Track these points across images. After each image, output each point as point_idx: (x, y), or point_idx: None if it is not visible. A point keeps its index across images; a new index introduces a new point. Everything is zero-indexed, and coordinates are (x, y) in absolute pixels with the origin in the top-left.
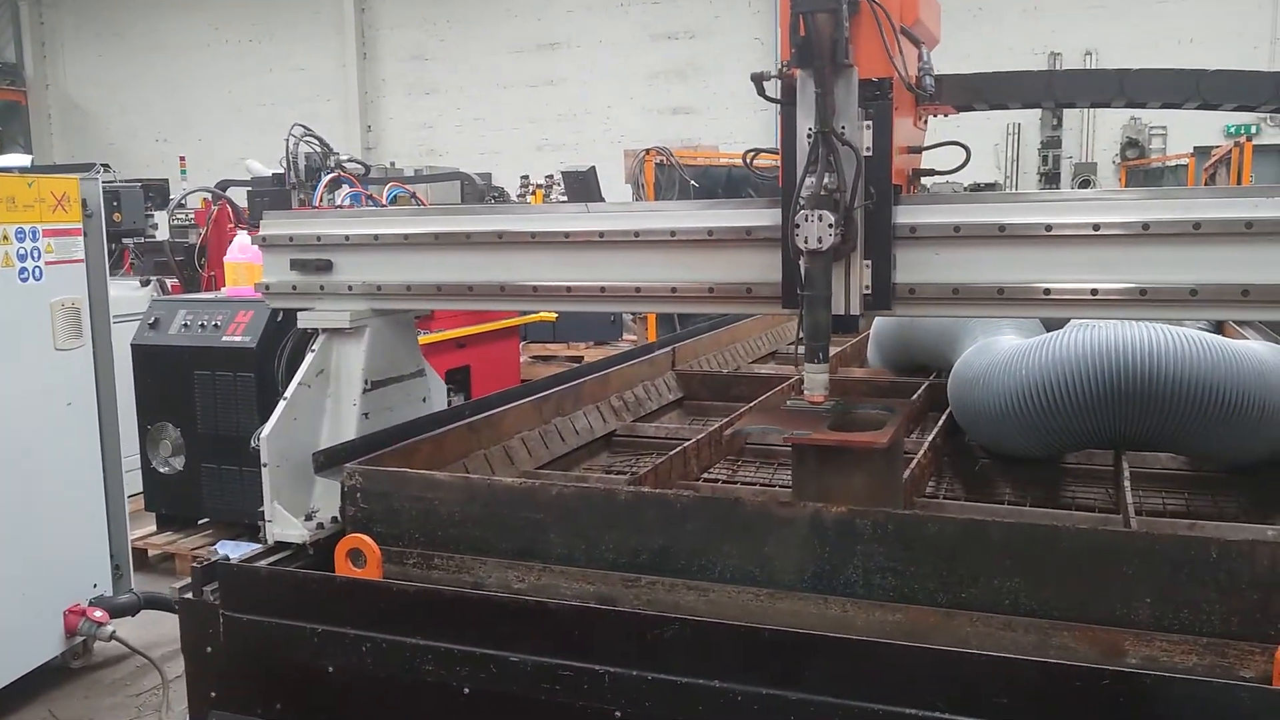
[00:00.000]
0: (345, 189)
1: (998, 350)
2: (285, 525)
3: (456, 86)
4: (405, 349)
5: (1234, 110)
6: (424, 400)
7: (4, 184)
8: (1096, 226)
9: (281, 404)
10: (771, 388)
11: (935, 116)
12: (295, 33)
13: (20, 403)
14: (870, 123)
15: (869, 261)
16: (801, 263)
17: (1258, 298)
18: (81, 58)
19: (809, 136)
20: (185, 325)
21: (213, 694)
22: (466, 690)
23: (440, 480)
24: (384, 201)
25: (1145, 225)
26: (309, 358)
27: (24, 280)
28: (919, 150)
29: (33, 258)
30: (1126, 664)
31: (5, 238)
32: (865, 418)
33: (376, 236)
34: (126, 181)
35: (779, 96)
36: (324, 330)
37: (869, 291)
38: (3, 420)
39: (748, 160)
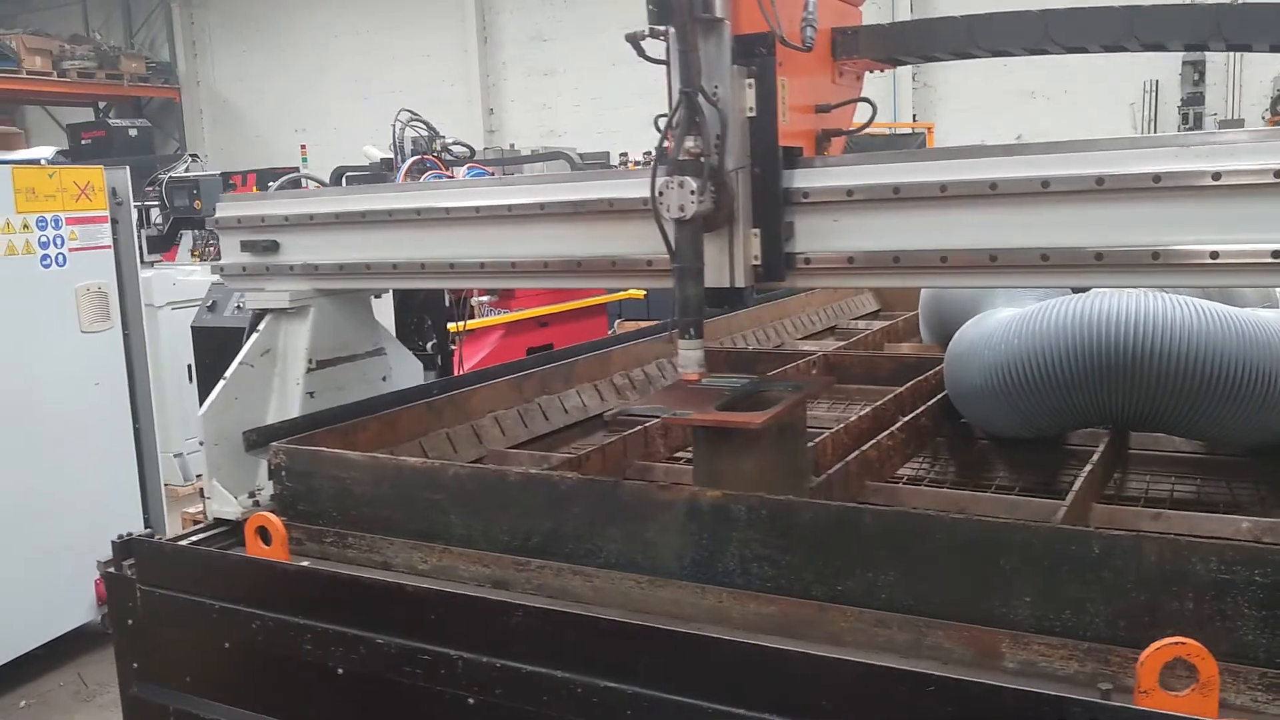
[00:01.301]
0: (430, 173)
1: (987, 324)
2: (223, 502)
3: (574, 67)
4: (359, 328)
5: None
6: (384, 379)
7: (23, 175)
8: (994, 185)
9: (221, 383)
10: (811, 366)
11: (872, 73)
12: (419, 21)
13: (47, 382)
14: (753, 81)
15: (757, 230)
16: (669, 233)
17: (1166, 261)
18: (227, 54)
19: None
20: (239, 307)
21: (135, 665)
22: (340, 670)
23: (352, 460)
24: None
25: (1045, 183)
26: (253, 338)
27: (46, 266)
28: (829, 108)
29: (55, 245)
30: (1004, 668)
31: (26, 226)
32: (771, 397)
33: (311, 216)
34: (207, 174)
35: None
36: (270, 310)
37: (759, 262)
38: (31, 399)
39: None
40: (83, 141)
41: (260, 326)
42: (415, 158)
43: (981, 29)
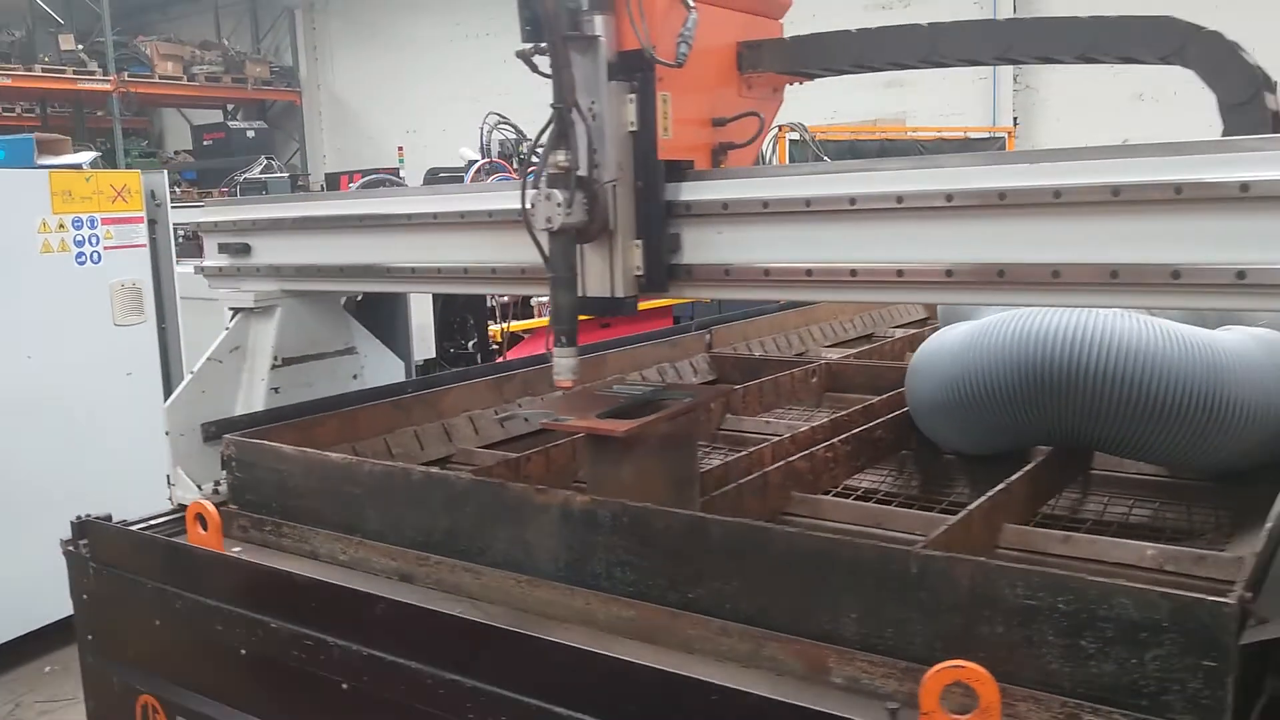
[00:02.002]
0: (496, 175)
1: (946, 337)
2: (185, 490)
3: None
4: (329, 327)
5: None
6: (354, 377)
7: (60, 179)
8: (853, 200)
9: (188, 377)
10: (810, 374)
11: (793, 85)
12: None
13: (80, 372)
14: (634, 96)
15: (639, 241)
16: (542, 244)
17: (1012, 278)
18: (346, 58)
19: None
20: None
21: (89, 637)
22: (243, 652)
23: (286, 453)
24: None
25: (899, 198)
26: (222, 335)
27: (81, 264)
28: (726, 122)
29: (90, 244)
30: (831, 683)
31: (61, 226)
32: (662, 406)
33: (275, 221)
34: (282, 173)
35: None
36: (241, 309)
37: (640, 273)
38: (64, 387)
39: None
40: (205, 142)
41: (229, 324)
42: (482, 160)
43: (872, 44)
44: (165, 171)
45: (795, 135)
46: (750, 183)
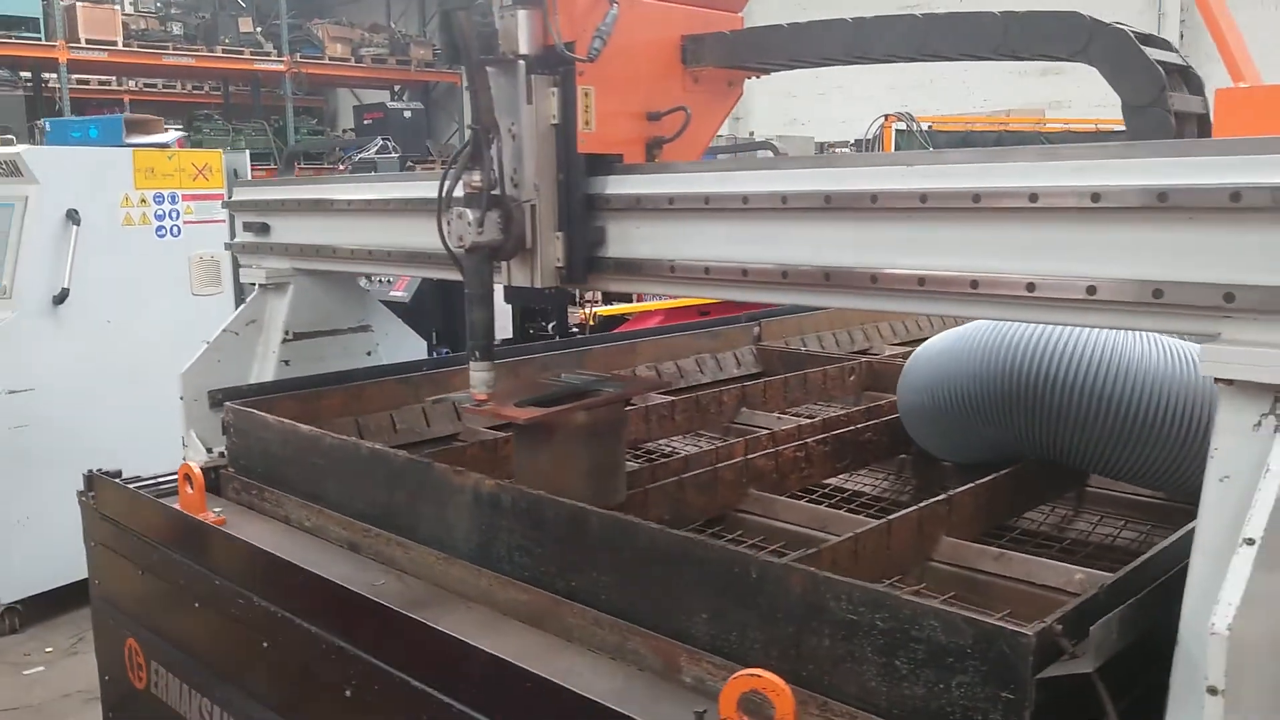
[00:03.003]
0: None
1: (931, 343)
2: (195, 452)
3: None
4: (343, 305)
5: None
6: (368, 354)
7: (143, 157)
8: (745, 199)
9: (203, 346)
10: (848, 372)
11: (754, 78)
12: None
13: (159, 338)
14: (557, 90)
15: (559, 234)
16: (460, 260)
17: (885, 283)
18: None
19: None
20: (365, 280)
21: (96, 581)
22: (196, 605)
23: (269, 423)
24: None
25: (783, 199)
26: (240, 309)
27: (161, 236)
28: (659, 116)
29: (171, 218)
30: (682, 681)
31: (144, 201)
32: (590, 396)
33: (287, 202)
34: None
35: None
36: (259, 285)
37: (561, 264)
38: (142, 352)
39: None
40: (365, 121)
41: (248, 299)
42: None
43: (801, 39)
44: (247, 151)
45: (902, 125)
46: (666, 178)
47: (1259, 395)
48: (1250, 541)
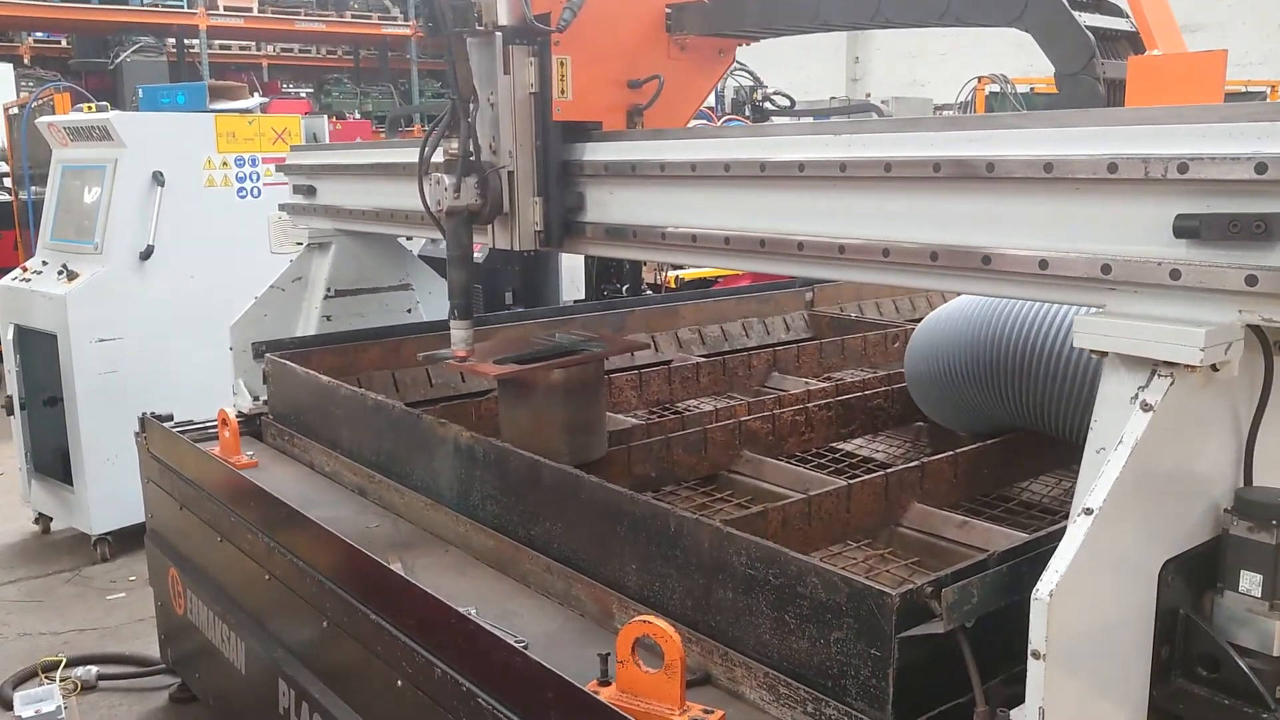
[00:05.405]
0: (700, 122)
1: (937, 312)
2: (243, 399)
3: None
4: (385, 263)
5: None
6: (408, 311)
7: (225, 122)
8: (694, 166)
9: (251, 301)
10: (890, 339)
11: (744, 46)
12: None
13: (239, 292)
14: (535, 60)
15: (538, 199)
16: (440, 222)
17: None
18: None
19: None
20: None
21: (151, 515)
22: (219, 539)
23: (297, 373)
24: None
25: (726, 166)
26: (286, 266)
27: (242, 197)
28: (640, 84)
29: (251, 180)
30: (615, 629)
31: (225, 164)
32: (572, 354)
33: (329, 166)
34: None
35: None
36: (304, 244)
37: (540, 228)
38: (222, 305)
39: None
40: None
41: (293, 257)
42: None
43: (770, 8)
44: (326, 116)
45: (996, 87)
46: (635, 145)
47: (1138, 369)
48: (1089, 511)
